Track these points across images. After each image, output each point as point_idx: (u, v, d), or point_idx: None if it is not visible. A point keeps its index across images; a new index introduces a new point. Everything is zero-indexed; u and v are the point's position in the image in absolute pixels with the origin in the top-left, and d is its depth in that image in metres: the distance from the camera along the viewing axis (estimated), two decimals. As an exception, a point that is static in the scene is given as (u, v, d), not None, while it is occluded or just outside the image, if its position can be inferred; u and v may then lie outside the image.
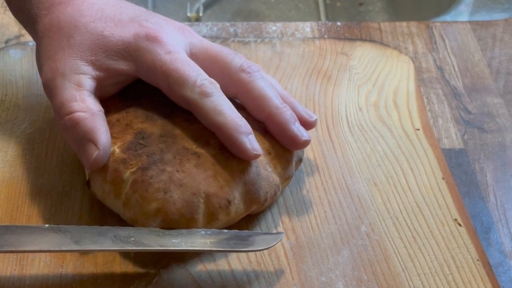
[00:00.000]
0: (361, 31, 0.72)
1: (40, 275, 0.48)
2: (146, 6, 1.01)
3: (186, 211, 0.47)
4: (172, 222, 0.47)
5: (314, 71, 0.66)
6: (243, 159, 0.49)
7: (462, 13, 0.80)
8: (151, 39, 0.50)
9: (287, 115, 0.51)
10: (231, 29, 0.72)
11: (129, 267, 0.48)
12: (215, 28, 0.72)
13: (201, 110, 0.49)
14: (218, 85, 0.50)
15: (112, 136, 0.50)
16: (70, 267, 0.48)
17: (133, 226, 0.48)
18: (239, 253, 0.50)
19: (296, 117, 0.52)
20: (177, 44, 0.51)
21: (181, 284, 0.48)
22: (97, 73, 0.50)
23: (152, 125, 0.51)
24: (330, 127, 0.60)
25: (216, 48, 0.53)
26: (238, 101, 0.53)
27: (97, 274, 0.48)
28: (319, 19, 1.02)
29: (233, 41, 0.70)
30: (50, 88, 0.50)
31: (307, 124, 0.53)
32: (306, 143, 0.52)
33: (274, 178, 0.51)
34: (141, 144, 0.49)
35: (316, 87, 0.65)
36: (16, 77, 0.63)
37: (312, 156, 0.57)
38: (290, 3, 1.05)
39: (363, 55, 0.69)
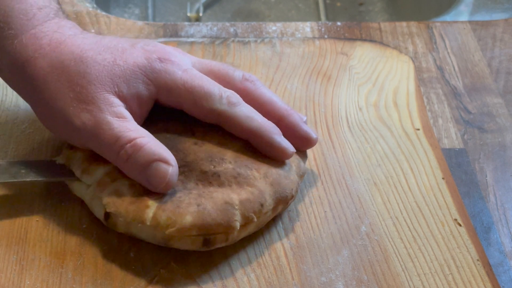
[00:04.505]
0: (361, 31, 0.72)
1: (40, 275, 0.48)
2: (146, 6, 1.01)
3: (222, 219, 0.47)
4: (210, 233, 0.47)
5: (314, 71, 0.66)
6: (280, 159, 0.51)
7: (462, 13, 0.80)
8: (164, 60, 0.51)
9: (296, 116, 0.53)
10: (231, 29, 0.72)
11: (129, 267, 0.48)
12: (215, 28, 0.72)
13: (233, 120, 0.50)
14: (238, 95, 0.51)
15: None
16: (70, 267, 0.48)
17: (167, 245, 0.48)
18: (239, 253, 0.50)
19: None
20: (186, 62, 0.52)
21: (181, 284, 0.48)
22: (125, 104, 0.49)
23: None
24: (330, 127, 0.60)
25: (216, 63, 0.54)
26: None
27: (97, 274, 0.48)
28: (319, 19, 1.02)
29: (233, 41, 0.70)
30: (92, 128, 0.48)
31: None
32: (316, 140, 0.54)
33: (294, 175, 0.52)
34: None
35: (316, 87, 0.65)
36: (16, 77, 0.63)
37: (312, 156, 0.57)
38: (290, 3, 1.05)
39: (363, 55, 0.69)
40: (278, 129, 0.51)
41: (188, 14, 1.00)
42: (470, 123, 0.63)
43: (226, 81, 0.53)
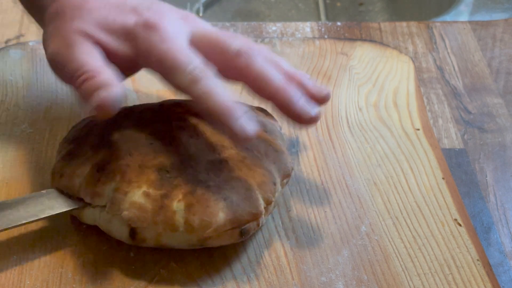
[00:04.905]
0: (361, 31, 0.72)
1: (40, 275, 0.48)
2: (146, 6, 1.01)
3: (251, 207, 0.48)
4: (243, 223, 0.47)
5: (314, 71, 0.66)
6: (237, 142, 0.49)
7: (462, 13, 0.80)
8: (150, 27, 0.51)
9: (290, 91, 0.50)
10: (231, 29, 0.72)
11: (129, 267, 0.48)
12: (215, 28, 0.72)
13: (193, 96, 0.49)
14: (211, 70, 0.50)
15: (133, 181, 0.48)
16: (70, 267, 0.48)
17: (202, 245, 0.48)
18: (239, 253, 0.50)
19: (303, 93, 0.51)
20: (176, 32, 0.52)
21: (181, 284, 0.48)
22: (101, 50, 0.50)
23: (166, 157, 0.50)
24: (330, 127, 0.60)
25: (216, 33, 0.53)
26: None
27: (97, 274, 0.48)
28: (319, 19, 1.02)
29: (233, 41, 0.70)
30: (61, 57, 0.49)
31: (317, 99, 0.52)
32: (313, 119, 0.50)
33: (284, 150, 0.53)
34: (169, 176, 0.48)
35: (316, 87, 0.65)
36: (16, 77, 0.63)
37: (312, 156, 0.57)
38: (290, 3, 1.05)
39: (363, 55, 0.69)
40: (240, 108, 0.48)
41: (188, 14, 1.00)
42: (470, 123, 0.63)
43: (220, 55, 0.51)
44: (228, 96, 0.49)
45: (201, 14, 1.00)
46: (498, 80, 0.68)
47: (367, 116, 0.62)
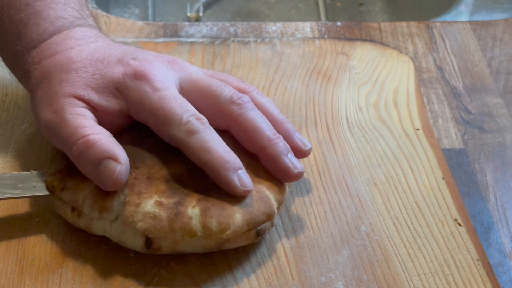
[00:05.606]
0: (361, 31, 0.72)
1: (40, 275, 0.48)
2: (146, 6, 1.01)
3: (265, 208, 0.49)
4: (259, 223, 0.48)
5: (314, 71, 0.66)
6: (234, 194, 0.48)
7: (462, 13, 0.80)
8: (139, 77, 0.50)
9: (279, 146, 0.50)
10: (231, 29, 0.72)
11: (129, 267, 0.48)
12: (215, 28, 0.72)
13: (188, 149, 0.49)
14: (206, 120, 0.49)
15: (143, 192, 0.48)
16: (70, 267, 0.48)
17: (219, 249, 0.48)
18: (239, 253, 0.50)
19: (289, 148, 0.51)
20: (166, 80, 0.51)
21: (181, 284, 0.48)
22: (94, 110, 0.50)
23: (173, 167, 0.50)
24: (330, 127, 0.60)
25: (205, 81, 0.52)
26: None
27: (97, 274, 0.48)
28: (319, 19, 1.02)
29: (233, 41, 0.70)
30: (54, 125, 0.49)
31: (301, 153, 0.53)
32: (299, 175, 0.51)
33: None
34: (179, 185, 0.48)
35: (316, 87, 0.65)
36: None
37: (312, 156, 0.57)
38: (290, 3, 1.05)
39: (363, 55, 0.69)
40: (235, 163, 0.48)
41: (188, 14, 1.00)
42: (470, 123, 0.63)
43: (211, 103, 0.51)
44: (225, 148, 0.49)
45: (201, 14, 1.00)
46: (498, 80, 0.68)
47: (367, 116, 0.62)
